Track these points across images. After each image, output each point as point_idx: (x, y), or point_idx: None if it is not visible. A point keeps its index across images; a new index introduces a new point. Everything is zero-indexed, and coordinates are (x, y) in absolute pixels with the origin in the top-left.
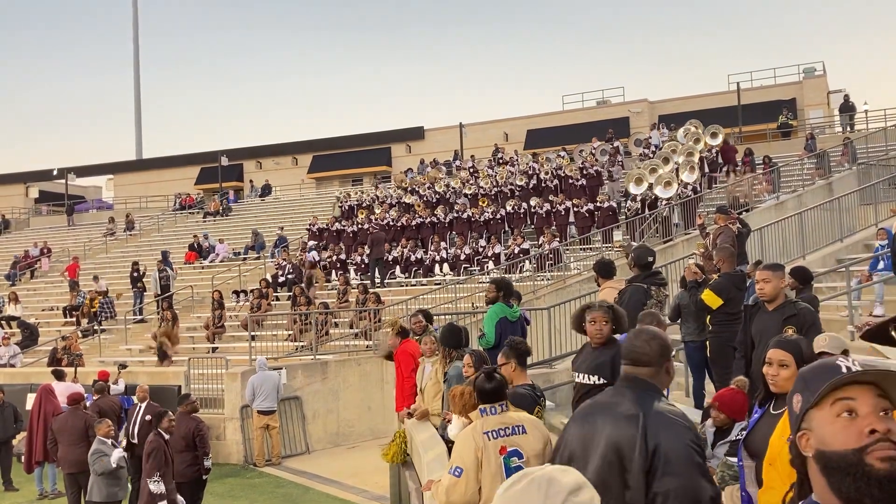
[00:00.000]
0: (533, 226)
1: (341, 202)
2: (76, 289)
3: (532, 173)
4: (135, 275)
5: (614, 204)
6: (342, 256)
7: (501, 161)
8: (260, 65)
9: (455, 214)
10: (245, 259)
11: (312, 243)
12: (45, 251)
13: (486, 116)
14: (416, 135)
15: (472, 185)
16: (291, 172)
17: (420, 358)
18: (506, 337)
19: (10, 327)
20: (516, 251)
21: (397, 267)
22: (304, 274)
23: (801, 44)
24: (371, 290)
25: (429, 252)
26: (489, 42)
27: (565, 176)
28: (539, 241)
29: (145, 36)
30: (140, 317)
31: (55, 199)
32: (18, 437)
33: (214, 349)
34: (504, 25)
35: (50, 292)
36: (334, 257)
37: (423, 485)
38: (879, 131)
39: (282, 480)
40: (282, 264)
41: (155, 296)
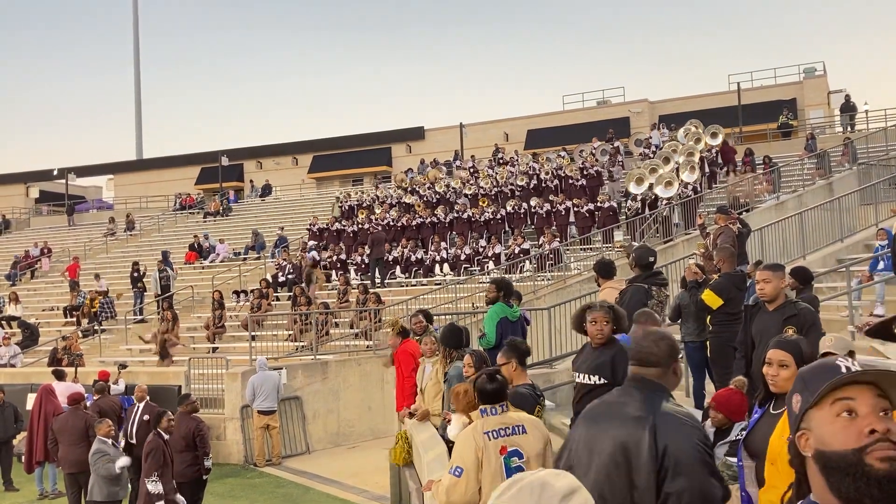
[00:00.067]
0: (533, 226)
1: (341, 202)
2: (76, 289)
3: (532, 173)
4: (135, 275)
5: (615, 204)
6: (342, 256)
7: (502, 161)
8: (260, 65)
9: (455, 214)
10: (245, 259)
11: (312, 243)
12: (45, 251)
13: (487, 116)
14: (417, 135)
15: (472, 185)
16: (292, 172)
17: (420, 358)
18: (506, 337)
19: (11, 327)
20: (517, 251)
21: (397, 267)
22: (303, 270)
23: (802, 44)
24: (371, 291)
25: (429, 252)
26: (489, 42)
27: (566, 176)
28: (539, 242)
29: (145, 36)
30: (140, 317)
31: (55, 199)
32: (19, 437)
33: (215, 349)
34: (504, 25)
35: (50, 292)
36: (334, 257)
37: (423, 485)
38: (880, 131)
39: (282, 480)
40: (282, 264)
41: (155, 296)
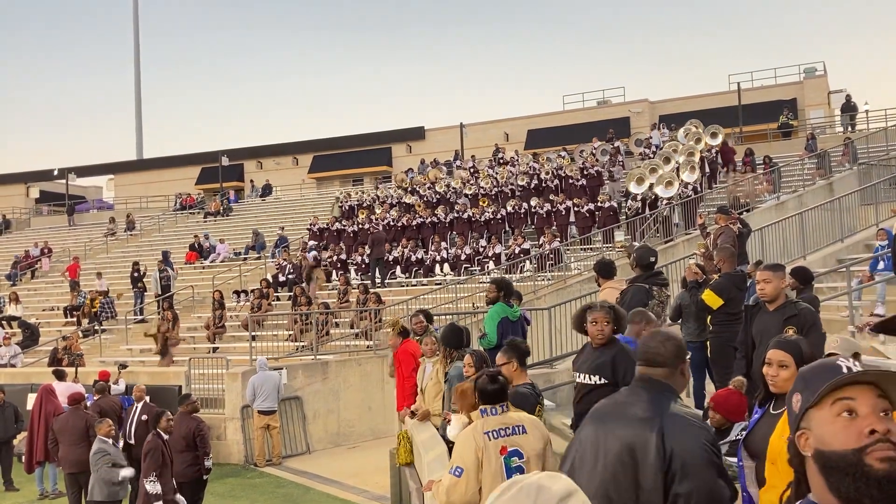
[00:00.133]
0: (533, 226)
1: (341, 202)
2: (77, 289)
3: (533, 173)
4: (135, 275)
5: (615, 204)
6: (343, 256)
7: (502, 161)
8: (260, 65)
9: (455, 214)
10: (246, 259)
11: (313, 243)
12: (45, 251)
13: (487, 116)
14: (417, 135)
15: (472, 185)
16: (292, 172)
17: (421, 358)
18: (507, 337)
19: (11, 327)
20: (517, 251)
21: (398, 267)
22: (303, 268)
23: (802, 44)
24: (372, 290)
25: (429, 252)
26: (489, 42)
27: (566, 176)
28: (540, 242)
29: (145, 36)
30: (141, 317)
31: (56, 199)
32: (19, 437)
33: (215, 349)
34: (504, 25)
35: (50, 292)
36: (335, 257)
37: (423, 485)
38: (880, 131)
39: (282, 480)
40: (282, 264)
41: (155, 296)
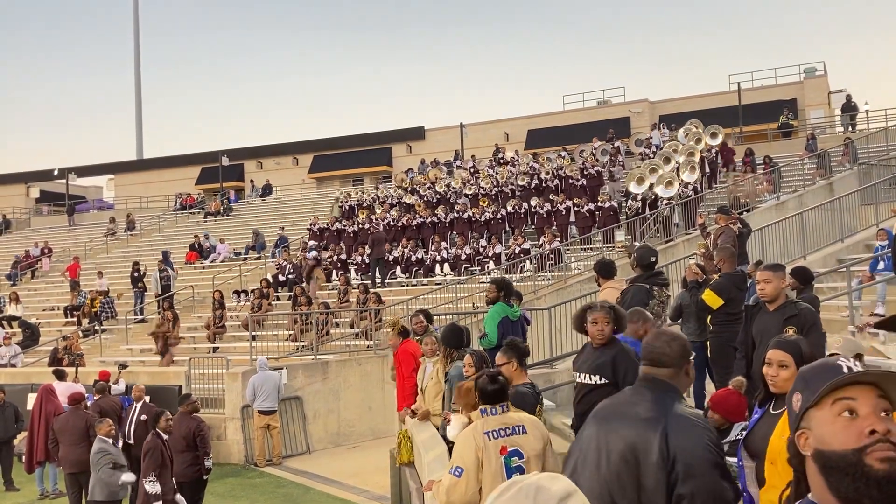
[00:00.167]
0: (534, 226)
1: (341, 202)
2: (77, 289)
3: (533, 173)
4: (135, 275)
5: (615, 204)
6: (343, 256)
7: (502, 161)
8: (260, 65)
9: (456, 214)
10: (246, 259)
11: (313, 243)
12: (45, 251)
13: (487, 116)
14: (417, 135)
15: (472, 185)
16: (292, 172)
17: (421, 358)
18: (507, 337)
19: (11, 327)
20: (517, 251)
21: (398, 267)
22: (303, 268)
23: (802, 44)
24: (372, 290)
25: (429, 252)
26: (489, 42)
27: (566, 176)
28: (540, 241)
29: (145, 36)
30: (141, 317)
31: (56, 199)
32: (19, 437)
33: (215, 349)
34: (504, 25)
35: (51, 292)
36: (335, 257)
37: (423, 485)
38: (880, 131)
39: (282, 480)
40: (282, 264)
41: (156, 296)
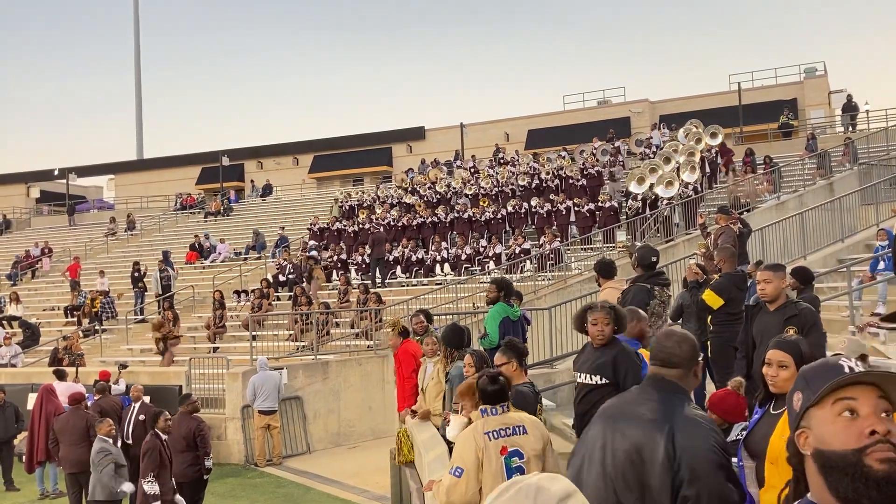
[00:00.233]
0: (534, 226)
1: (341, 202)
2: (77, 289)
3: (533, 173)
4: (136, 275)
5: (615, 204)
6: (343, 256)
7: (502, 161)
8: (260, 65)
9: (456, 214)
10: (246, 259)
11: (313, 243)
12: (46, 251)
13: (487, 116)
14: (417, 135)
15: (472, 185)
16: (292, 172)
17: (421, 358)
18: (506, 337)
19: (12, 327)
20: (517, 251)
21: (398, 267)
22: (303, 267)
23: (802, 44)
24: (372, 290)
25: (430, 252)
26: (489, 42)
27: (566, 176)
28: (540, 241)
29: (146, 36)
30: (141, 317)
31: (56, 199)
32: (20, 437)
33: (215, 349)
34: (504, 25)
35: (51, 292)
36: (335, 257)
37: (424, 485)
38: (880, 131)
39: (283, 480)
40: (283, 264)
41: (156, 296)
